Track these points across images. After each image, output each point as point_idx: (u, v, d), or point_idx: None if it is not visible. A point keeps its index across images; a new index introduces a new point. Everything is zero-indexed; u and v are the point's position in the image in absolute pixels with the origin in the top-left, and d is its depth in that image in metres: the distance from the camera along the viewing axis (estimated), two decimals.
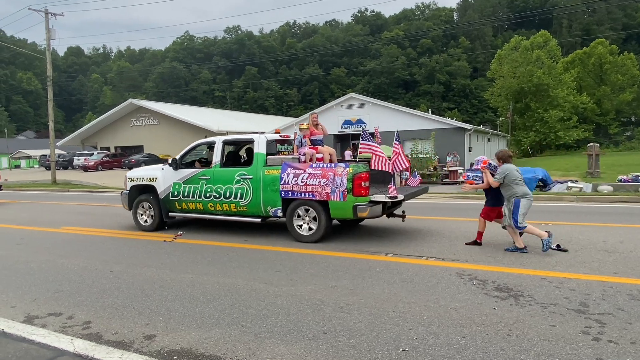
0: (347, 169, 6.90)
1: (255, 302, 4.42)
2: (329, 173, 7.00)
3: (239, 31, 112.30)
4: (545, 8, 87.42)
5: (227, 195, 7.91)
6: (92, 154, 37.55)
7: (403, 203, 7.53)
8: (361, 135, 8.36)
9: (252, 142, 8.02)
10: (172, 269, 5.79)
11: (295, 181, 7.25)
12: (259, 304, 4.36)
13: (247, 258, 6.32)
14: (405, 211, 8.15)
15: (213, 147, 8.39)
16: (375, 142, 8.37)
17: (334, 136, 27.12)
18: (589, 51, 54.52)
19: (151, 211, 8.82)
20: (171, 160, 8.64)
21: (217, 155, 8.23)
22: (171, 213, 8.76)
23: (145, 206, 8.91)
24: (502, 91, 49.97)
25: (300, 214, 7.36)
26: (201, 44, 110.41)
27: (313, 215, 7.24)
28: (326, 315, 4.03)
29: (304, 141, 7.66)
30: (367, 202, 6.84)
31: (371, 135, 7.83)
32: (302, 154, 7.54)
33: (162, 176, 8.68)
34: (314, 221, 7.24)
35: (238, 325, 3.86)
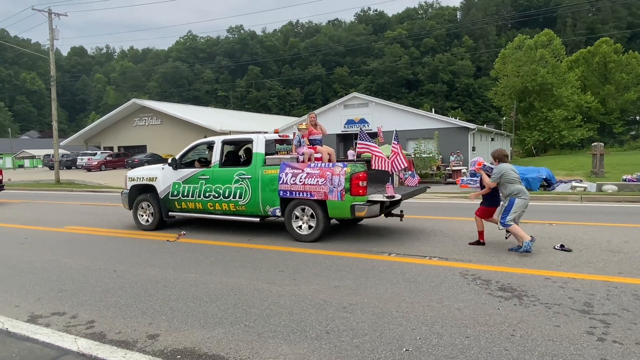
0: (345, 169, 6.89)
1: (258, 302, 4.42)
2: (327, 173, 7.00)
3: (242, 31, 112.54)
4: (549, 7, 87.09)
5: (226, 194, 7.93)
6: (96, 154, 37.68)
7: (401, 203, 7.52)
8: (359, 135, 8.39)
9: (251, 142, 8.05)
10: (175, 269, 5.80)
11: (293, 181, 7.25)
12: (262, 304, 4.36)
13: (250, 258, 6.32)
14: (403, 211, 8.14)
15: (212, 147, 8.41)
16: (373, 142, 8.41)
17: (337, 136, 27.09)
18: (594, 50, 54.24)
19: (151, 210, 8.85)
20: (171, 160, 8.67)
21: (217, 155, 8.25)
22: (171, 212, 8.79)
23: (145, 206, 8.95)
24: (506, 90, 49.75)
25: (298, 214, 7.38)
26: (204, 44, 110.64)
27: (311, 214, 7.25)
28: (329, 315, 4.02)
29: (303, 141, 7.67)
30: (365, 202, 6.84)
31: (374, 134, 7.82)
32: (301, 154, 7.55)
33: (162, 176, 8.71)
34: (312, 220, 7.25)
35: (241, 324, 3.86)
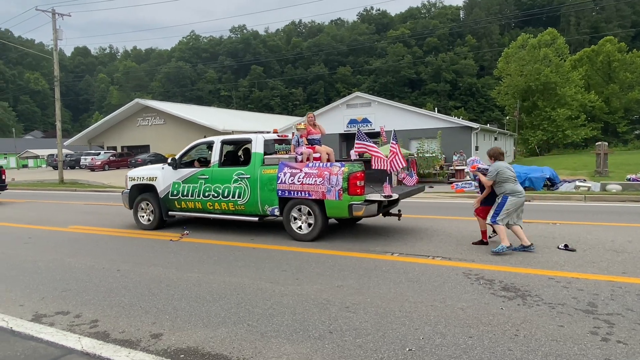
0: (343, 169, 6.91)
1: (261, 301, 4.42)
2: (325, 172, 7.02)
3: (245, 30, 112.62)
4: (552, 6, 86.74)
5: (225, 194, 7.96)
6: (99, 154, 37.85)
7: (402, 202, 7.52)
8: (356, 135, 8.42)
9: (250, 142, 8.09)
10: (179, 268, 5.81)
11: (291, 180, 7.28)
12: (265, 303, 4.36)
13: (253, 257, 6.33)
14: (401, 210, 8.15)
15: (212, 147, 8.44)
16: (370, 142, 8.45)
17: (340, 135, 27.07)
18: (597, 49, 53.95)
19: (151, 210, 8.90)
20: (170, 159, 8.71)
21: (216, 154, 8.29)
22: (171, 212, 8.83)
23: (145, 205, 9.00)
24: (509, 89, 49.56)
25: (296, 213, 7.40)
26: (207, 44, 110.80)
27: (309, 214, 7.27)
28: (332, 314, 4.02)
29: (301, 141, 7.68)
30: (363, 201, 6.85)
31: (377, 134, 7.84)
32: (299, 154, 7.57)
33: (162, 176, 8.75)
34: (310, 220, 7.27)
35: (244, 324, 3.86)
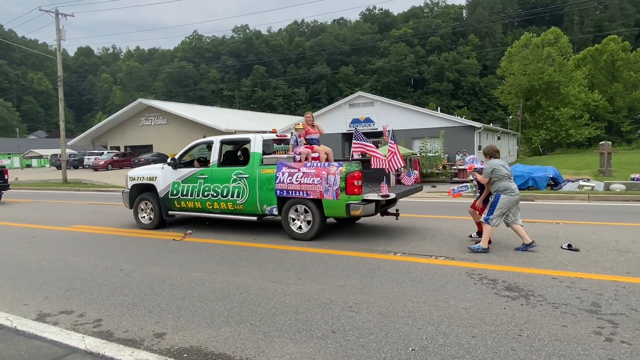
0: (340, 168, 6.94)
1: (264, 301, 4.43)
2: (323, 172, 7.04)
3: (247, 30, 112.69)
4: (556, 5, 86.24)
5: (225, 194, 7.99)
6: (102, 154, 37.96)
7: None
8: (354, 134, 8.44)
9: (249, 142, 8.12)
10: (182, 268, 5.83)
11: (290, 180, 7.30)
12: (268, 303, 4.37)
13: (256, 257, 6.34)
14: (399, 210, 8.15)
15: (211, 147, 8.47)
16: (368, 141, 8.47)
17: (342, 135, 27.05)
18: (601, 48, 53.71)
19: (151, 210, 8.93)
20: (170, 159, 8.75)
21: (215, 154, 8.32)
22: (170, 211, 8.86)
23: (145, 205, 9.04)
24: (512, 89, 49.45)
25: (294, 213, 7.43)
26: (209, 44, 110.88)
27: (307, 213, 7.29)
28: (335, 314, 4.02)
29: (300, 140, 7.69)
30: (360, 201, 6.87)
31: (379, 134, 7.88)
32: (298, 153, 7.58)
33: (162, 175, 8.78)
34: (309, 219, 7.29)
35: (247, 323, 3.87)
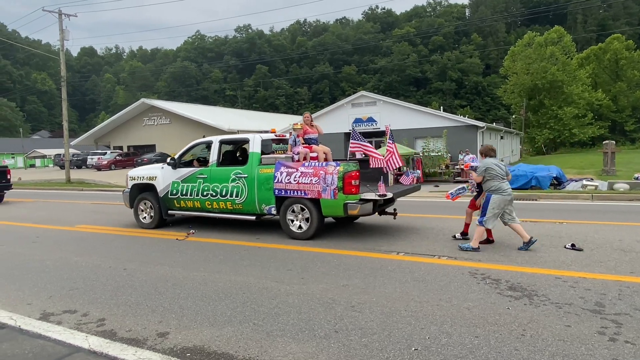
0: (338, 168, 6.95)
1: (267, 301, 4.43)
2: (320, 172, 7.06)
3: (250, 30, 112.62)
4: (559, 3, 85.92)
5: (223, 193, 8.02)
6: (105, 153, 38.04)
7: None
8: (351, 134, 8.44)
9: (248, 142, 8.14)
10: (185, 267, 5.84)
11: (288, 180, 7.32)
12: (271, 302, 4.37)
13: (259, 256, 6.34)
14: (396, 209, 8.16)
15: (210, 147, 8.50)
16: (366, 141, 8.47)
17: (344, 134, 27.02)
18: (605, 47, 53.45)
19: (151, 209, 8.96)
20: (170, 159, 8.78)
21: (214, 154, 8.35)
22: (170, 211, 8.90)
23: (145, 204, 9.08)
24: (516, 88, 49.23)
25: (292, 213, 7.44)
26: (212, 44, 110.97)
27: (305, 213, 7.30)
28: (338, 314, 4.02)
29: (298, 140, 7.70)
30: (358, 200, 6.88)
31: (382, 133, 7.89)
32: (296, 153, 7.59)
33: (162, 175, 8.83)
34: (306, 219, 7.30)
35: (250, 323, 3.87)
